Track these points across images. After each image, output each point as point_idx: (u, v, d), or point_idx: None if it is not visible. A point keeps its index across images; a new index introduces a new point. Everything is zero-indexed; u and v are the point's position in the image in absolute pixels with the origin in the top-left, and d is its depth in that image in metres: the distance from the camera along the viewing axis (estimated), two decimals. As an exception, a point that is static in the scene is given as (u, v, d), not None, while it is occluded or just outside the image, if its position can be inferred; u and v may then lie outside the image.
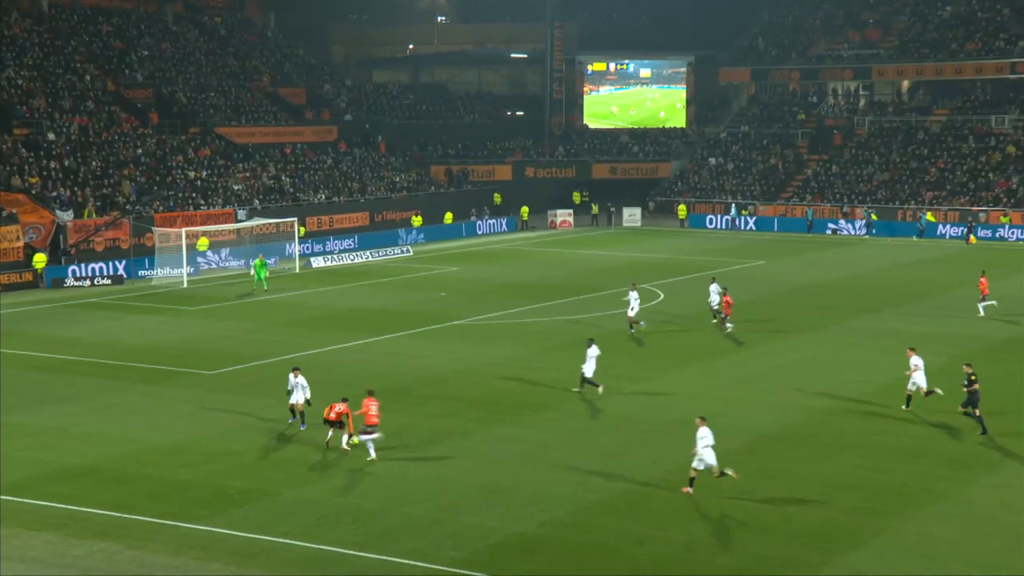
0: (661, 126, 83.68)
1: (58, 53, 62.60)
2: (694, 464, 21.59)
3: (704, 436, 21.50)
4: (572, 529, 20.08)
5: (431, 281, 48.35)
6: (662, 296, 44.48)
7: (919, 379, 26.87)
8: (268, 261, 52.08)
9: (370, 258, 56.57)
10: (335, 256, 56.21)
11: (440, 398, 28.78)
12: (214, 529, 19.86)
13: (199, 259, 51.33)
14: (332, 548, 19.07)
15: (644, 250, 60.32)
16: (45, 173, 52.83)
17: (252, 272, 47.32)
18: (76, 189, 52.79)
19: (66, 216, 50.40)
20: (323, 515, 20.55)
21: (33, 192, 50.79)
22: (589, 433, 25.75)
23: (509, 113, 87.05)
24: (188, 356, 33.41)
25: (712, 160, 79.01)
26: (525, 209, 70.63)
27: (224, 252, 52.54)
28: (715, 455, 21.48)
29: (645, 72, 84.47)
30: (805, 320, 39.08)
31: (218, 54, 73.15)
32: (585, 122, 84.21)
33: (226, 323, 39.02)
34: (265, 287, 45.97)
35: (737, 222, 69.68)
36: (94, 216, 51.49)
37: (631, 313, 36.66)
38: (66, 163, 54.43)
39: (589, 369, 28.80)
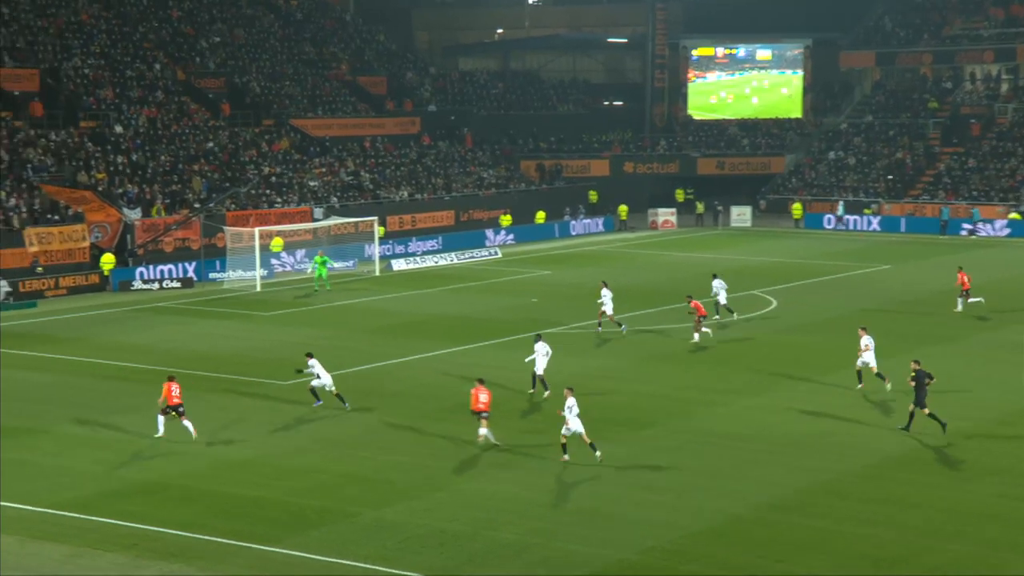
0: (774, 116, 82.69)
1: (126, 40, 64.36)
2: (563, 431, 24.48)
3: (572, 406, 24.41)
4: (676, 558, 19.96)
5: (521, 286, 48.47)
6: (775, 304, 43.99)
7: (869, 358, 30.21)
8: (347, 264, 52.86)
9: (455, 260, 56.95)
10: (417, 258, 56.69)
11: (528, 413, 28.82)
12: (289, 552, 20.16)
13: (273, 261, 52.25)
14: (414, 574, 19.22)
15: (754, 253, 59.63)
16: (112, 168, 54.32)
17: (311, 271, 48.03)
18: (144, 186, 54.16)
19: (133, 214, 51.72)
20: (405, 538, 20.75)
21: (99, 189, 52.24)
22: (693, 452, 25.56)
23: (606, 103, 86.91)
24: (261, 365, 33.99)
25: (831, 154, 77.78)
26: (623, 208, 70.44)
27: (299, 253, 53.38)
28: (582, 423, 24.30)
29: (761, 55, 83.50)
30: (934, 331, 38.25)
31: (294, 40, 74.45)
32: (689, 112, 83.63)
33: (302, 330, 39.61)
34: (327, 287, 46.61)
35: (846, 222, 68.49)
36: (163, 214, 52.73)
37: (607, 310, 37.47)
38: (134, 158, 55.90)
39: (540, 367, 30.00)
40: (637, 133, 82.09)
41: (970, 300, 40.92)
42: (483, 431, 25.80)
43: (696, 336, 36.58)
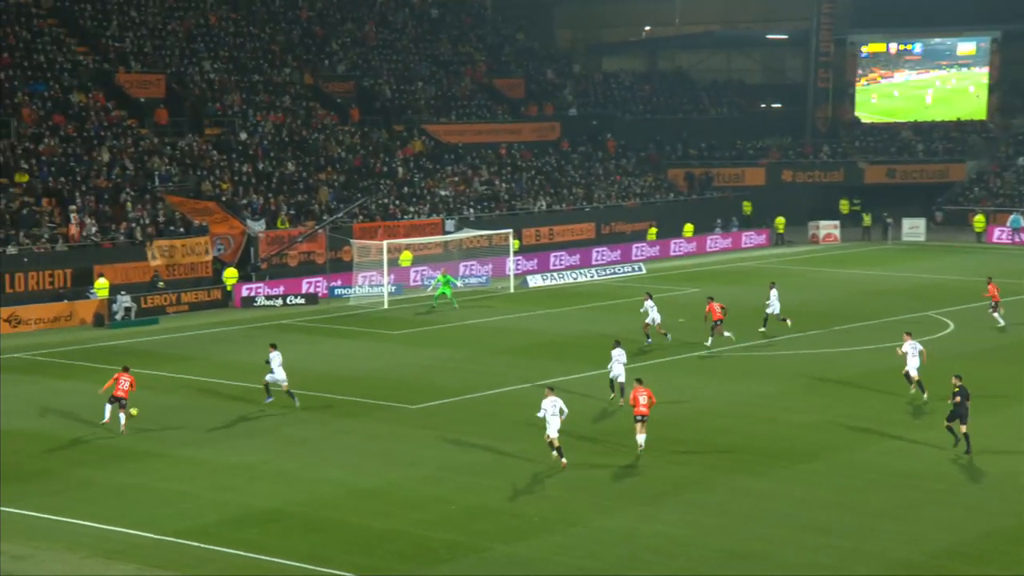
0: (954, 119, 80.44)
1: (254, 43, 66.19)
2: (548, 432, 26.11)
3: (550, 406, 26.21)
4: (838, 608, 19.48)
5: (667, 304, 48.10)
6: (952, 327, 42.79)
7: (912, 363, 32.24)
8: (479, 280, 53.24)
9: (595, 277, 56.86)
10: (555, 274, 56.76)
11: (677, 442, 28.57)
12: (415, 587, 20.32)
13: (413, 273, 52.83)
14: (549, 616, 19.17)
15: (928, 270, 58.11)
16: (237, 178, 55.84)
17: (432, 289, 48.46)
18: (269, 196, 55.51)
19: (257, 226, 53.00)
20: (539, 576, 20.72)
21: (223, 199, 53.73)
22: (859, 490, 24.96)
23: (763, 105, 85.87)
24: (388, 387, 34.41)
25: (1021, 160, 75.33)
26: (781, 220, 69.40)
27: (429, 268, 53.92)
28: (558, 427, 26.11)
29: (941, 49, 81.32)
30: None
31: (428, 40, 75.51)
32: (856, 115, 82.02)
33: (431, 350, 39.99)
34: (455, 306, 47.23)
35: (1017, 237, 66.24)
36: (287, 226, 53.91)
37: (651, 321, 39.29)
38: (259, 166, 57.37)
39: (618, 373, 31.81)
40: (797, 138, 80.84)
41: (994, 314, 42.29)
42: (640, 438, 27.29)
43: (709, 340, 38.62)
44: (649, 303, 39.76)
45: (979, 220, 69.15)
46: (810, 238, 69.85)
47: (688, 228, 67.36)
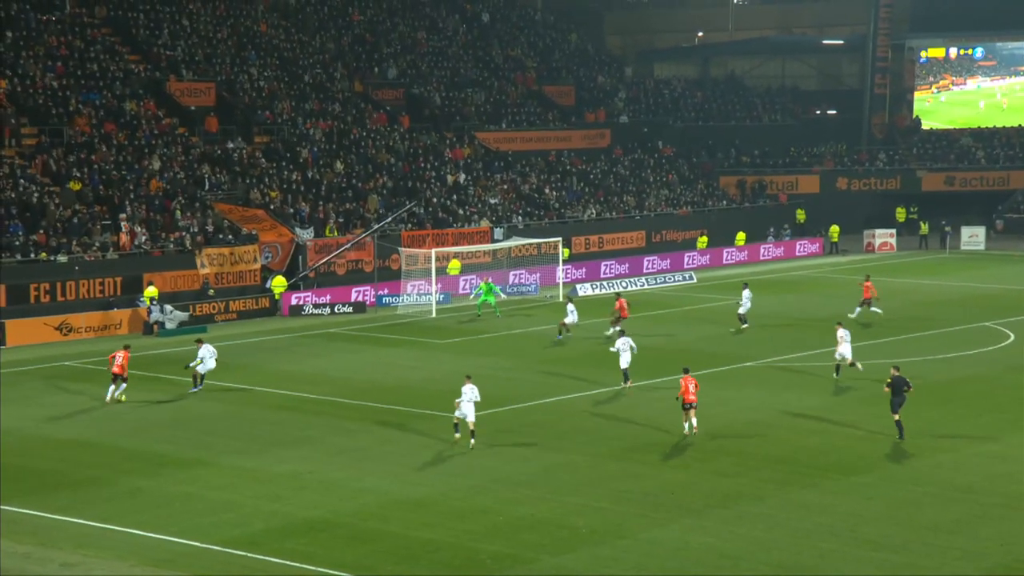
0: (1017, 125, 79.49)
1: (304, 50, 66.74)
2: (456, 414, 29.10)
3: (467, 392, 29.04)
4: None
5: (718, 314, 47.93)
6: (1013, 338, 42.30)
7: (845, 350, 35.50)
8: (528, 287, 53.32)
9: (646, 285, 56.75)
10: (605, 283, 56.70)
11: (727, 454, 28.48)
12: (460, 598, 20.37)
13: (464, 281, 53.02)
14: (595, 628, 19.17)
15: (988, 279, 57.49)
16: (285, 186, 56.31)
17: (474, 298, 48.69)
18: (319, 203, 55.92)
19: (306, 234, 53.41)
20: (585, 589, 20.73)
21: (272, 207, 54.20)
22: (913, 504, 24.73)
23: (819, 112, 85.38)
24: (435, 396, 34.45)
25: (1084, 165, 74.41)
26: (835, 228, 68.94)
27: (478, 277, 54.03)
28: (474, 412, 28.83)
29: (1005, 54, 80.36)
30: None
31: (479, 45, 75.76)
32: (915, 121, 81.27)
33: (479, 359, 40.07)
34: (497, 313, 47.66)
35: None
36: (336, 234, 54.27)
37: (742, 311, 43.01)
38: (308, 174, 57.82)
39: (624, 361, 34.78)
40: (853, 145, 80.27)
41: (871, 309, 45.55)
42: (687, 424, 29.66)
43: (611, 330, 41.16)
44: (745, 292, 43.97)
45: (1041, 229, 68.36)
46: (865, 247, 69.35)
47: (740, 236, 67.06)
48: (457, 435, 29.41)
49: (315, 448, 29.42)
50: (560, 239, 56.15)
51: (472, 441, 29.01)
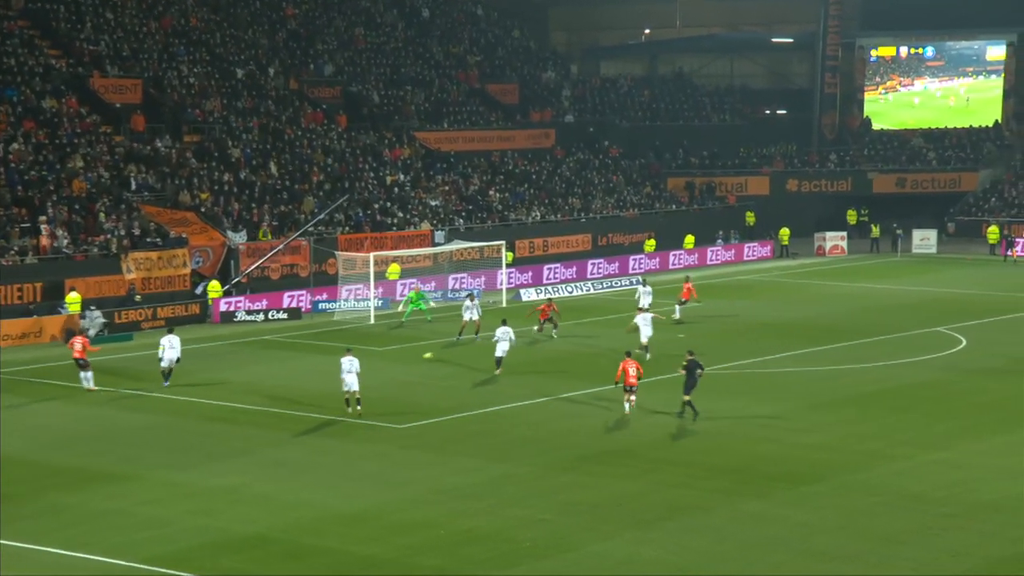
0: (967, 125, 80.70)
1: (236, 44, 66.28)
2: (344, 388, 32.64)
3: (346, 364, 32.69)
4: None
5: (667, 320, 48.19)
6: (964, 343, 42.90)
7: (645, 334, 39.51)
8: (475, 293, 53.46)
9: (591, 290, 56.95)
10: (549, 287, 56.82)
11: (676, 464, 28.63)
12: (400, 615, 20.34)
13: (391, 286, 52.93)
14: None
15: (940, 283, 58.28)
16: (216, 187, 55.92)
17: (403, 307, 48.84)
18: (252, 206, 55.58)
19: (238, 238, 53.06)
20: (530, 604, 20.75)
21: (202, 210, 53.80)
22: (866, 514, 25.00)
23: (768, 112, 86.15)
24: (374, 405, 34.33)
25: (1038, 168, 75.62)
26: (785, 231, 69.56)
27: (418, 281, 53.94)
28: (358, 382, 32.44)
29: (955, 53, 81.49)
30: None
31: (419, 41, 75.67)
32: (865, 122, 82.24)
33: (420, 367, 40.02)
34: (428, 319, 48.29)
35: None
36: (270, 238, 53.97)
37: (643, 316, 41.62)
38: (241, 175, 57.44)
39: (501, 349, 37.65)
40: (803, 146, 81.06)
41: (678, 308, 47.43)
42: (627, 405, 32.10)
43: (536, 328, 43.36)
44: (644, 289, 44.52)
45: (993, 231, 69.32)
46: (816, 250, 70.01)
47: (689, 240, 67.48)
48: (350, 408, 32.88)
49: (249, 460, 29.24)
50: (503, 242, 56.21)
51: (359, 407, 32.70)
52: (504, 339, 38.12)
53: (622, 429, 31.78)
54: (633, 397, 32.39)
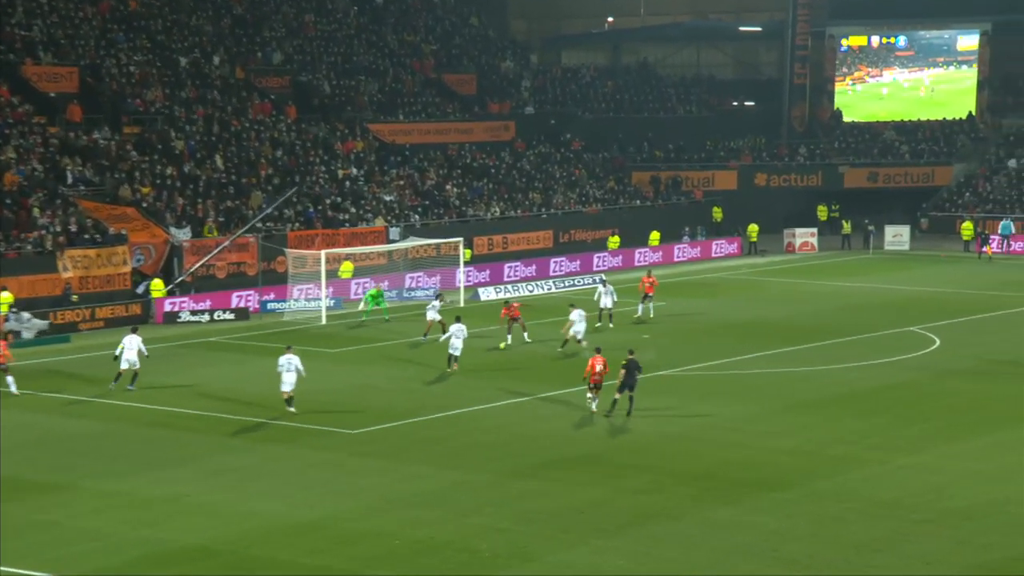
0: (941, 118, 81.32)
1: (180, 31, 65.78)
2: (283, 388, 33.29)
3: (284, 363, 33.26)
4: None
5: (631, 319, 48.27)
6: (938, 343, 43.21)
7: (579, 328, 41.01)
8: (426, 291, 53.27)
9: (553, 289, 56.95)
10: (509, 286, 56.79)
11: (641, 469, 28.63)
12: (353, 630, 20.23)
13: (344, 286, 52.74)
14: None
15: (913, 281, 58.65)
16: (159, 181, 55.50)
17: (362, 306, 48.72)
18: (196, 201, 55.21)
19: (182, 234, 52.72)
20: (489, 617, 20.67)
21: (144, 205, 53.39)
22: (838, 521, 25.09)
23: (736, 103, 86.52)
24: (326, 410, 34.27)
25: (1012, 162, 76.27)
26: (754, 227, 69.85)
27: (372, 280, 53.79)
28: (295, 381, 33.17)
29: (927, 43, 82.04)
30: None
31: (372, 29, 75.41)
32: (836, 114, 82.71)
33: (373, 368, 39.93)
34: (386, 318, 48.33)
35: (1003, 246, 66.97)
36: (215, 234, 53.64)
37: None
38: (185, 169, 57.06)
39: (454, 347, 38.40)
40: (772, 139, 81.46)
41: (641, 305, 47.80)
42: (593, 403, 32.79)
43: (509, 339, 42.78)
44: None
45: (967, 227, 69.86)
46: (785, 247, 70.31)
47: (654, 236, 67.61)
48: (290, 408, 33.27)
49: (193, 468, 29.02)
50: (461, 239, 56.10)
51: (292, 409, 33.21)
52: (459, 336, 38.65)
53: (585, 433, 31.75)
54: (599, 395, 33.08)
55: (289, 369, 33.35)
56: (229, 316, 49.51)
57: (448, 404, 35.00)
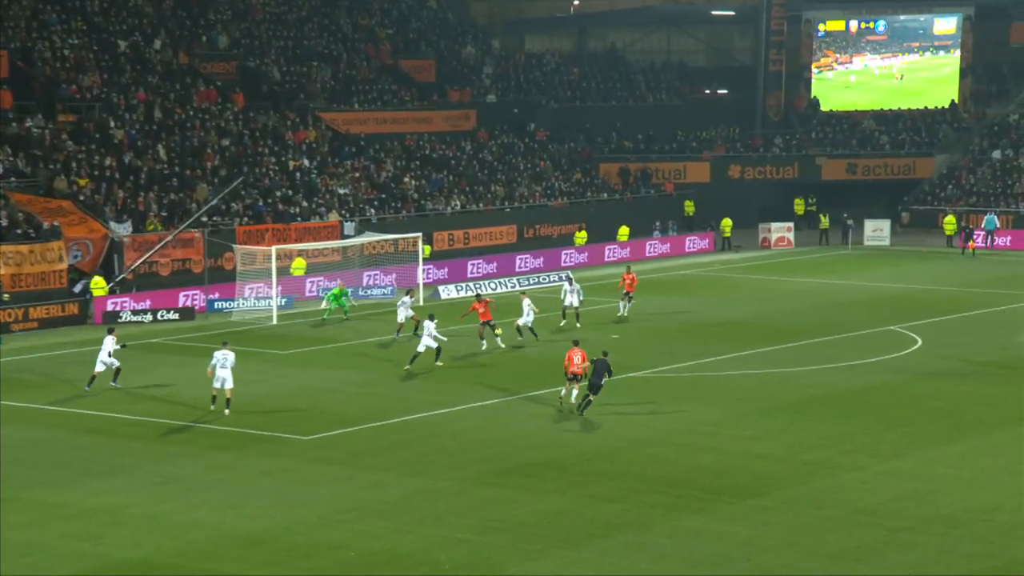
0: (922, 107, 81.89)
1: (118, 13, 65.36)
2: (214, 384, 33.64)
3: (219, 358, 33.63)
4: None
5: (599, 318, 48.36)
6: (920, 343, 43.50)
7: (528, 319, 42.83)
8: (383, 290, 53.21)
9: (517, 286, 56.96)
10: (471, 284, 56.80)
11: (610, 476, 28.70)
12: (305, 647, 20.19)
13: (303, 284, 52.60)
14: None
15: (894, 278, 59.02)
16: (97, 173, 55.20)
17: (325, 305, 48.56)
18: (138, 193, 54.94)
19: (122, 229, 52.45)
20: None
21: (81, 198, 53.11)
22: (815, 529, 25.23)
23: (708, 91, 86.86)
24: (277, 415, 34.19)
25: (997, 153, 76.88)
26: (727, 222, 70.14)
27: (325, 278, 53.73)
28: (232, 379, 33.43)
29: (908, 28, 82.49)
30: None
31: (324, 12, 75.22)
32: (813, 102, 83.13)
33: (328, 371, 39.86)
34: (346, 316, 48.53)
35: (987, 241, 67.43)
36: (159, 229, 53.41)
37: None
38: (125, 160, 56.76)
39: (424, 344, 39.25)
40: (746, 129, 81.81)
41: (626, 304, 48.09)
42: (569, 393, 33.48)
43: (484, 343, 42.67)
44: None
45: (950, 221, 70.37)
46: (761, 242, 70.63)
47: (623, 231, 67.77)
48: (213, 407, 33.84)
49: (135, 477, 28.88)
50: (420, 235, 56.03)
51: (227, 411, 33.48)
52: (427, 334, 39.33)
53: (552, 439, 31.77)
54: (575, 388, 33.70)
55: (224, 365, 33.68)
56: (173, 316, 49.35)
57: (408, 408, 34.97)
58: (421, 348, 39.37)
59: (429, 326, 39.43)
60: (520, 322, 43.15)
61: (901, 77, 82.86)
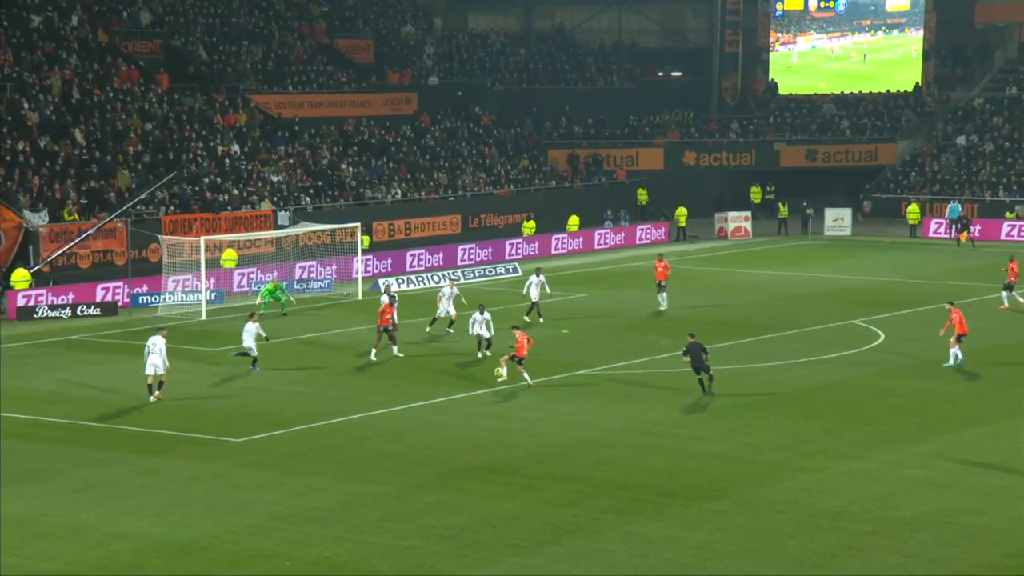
0: (884, 90, 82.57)
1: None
2: (147, 371, 35.05)
3: (151, 346, 34.89)
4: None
5: (548, 313, 48.41)
6: (883, 337, 43.84)
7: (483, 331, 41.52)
8: (320, 283, 53.03)
9: (462, 279, 56.92)
10: (413, 277, 56.76)
11: (559, 479, 28.76)
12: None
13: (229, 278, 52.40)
14: None
15: (855, 270, 59.45)
16: (10, 158, 54.73)
17: (260, 301, 48.45)
18: (54, 181, 54.51)
19: (37, 219, 52.06)
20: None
21: (-5, 186, 52.72)
22: (774, 534, 25.39)
23: (661, 74, 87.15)
24: (206, 416, 34.05)
25: (961, 139, 77.63)
26: (682, 211, 70.45)
27: (258, 270, 53.54)
28: (163, 364, 34.82)
29: (869, 7, 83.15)
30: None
31: (254, -12, 74.92)
32: (771, 85, 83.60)
33: (262, 371, 39.65)
34: (284, 312, 48.44)
35: (953, 230, 68.00)
36: (77, 218, 53.02)
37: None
38: (40, 144, 56.29)
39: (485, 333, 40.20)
40: (701, 114, 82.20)
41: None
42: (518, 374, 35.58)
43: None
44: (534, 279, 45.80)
45: (913, 210, 71.00)
46: (717, 232, 70.97)
47: (573, 221, 67.93)
48: (151, 398, 35.05)
49: (53, 484, 28.67)
50: (359, 225, 55.98)
51: (158, 393, 35.05)
52: (478, 323, 40.70)
53: (497, 440, 31.79)
54: (524, 371, 36.15)
55: (154, 351, 34.99)
56: (94, 311, 49.10)
57: (345, 409, 34.90)
58: (484, 333, 40.45)
59: (481, 318, 40.48)
60: (440, 314, 44.20)
61: (864, 57, 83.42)
